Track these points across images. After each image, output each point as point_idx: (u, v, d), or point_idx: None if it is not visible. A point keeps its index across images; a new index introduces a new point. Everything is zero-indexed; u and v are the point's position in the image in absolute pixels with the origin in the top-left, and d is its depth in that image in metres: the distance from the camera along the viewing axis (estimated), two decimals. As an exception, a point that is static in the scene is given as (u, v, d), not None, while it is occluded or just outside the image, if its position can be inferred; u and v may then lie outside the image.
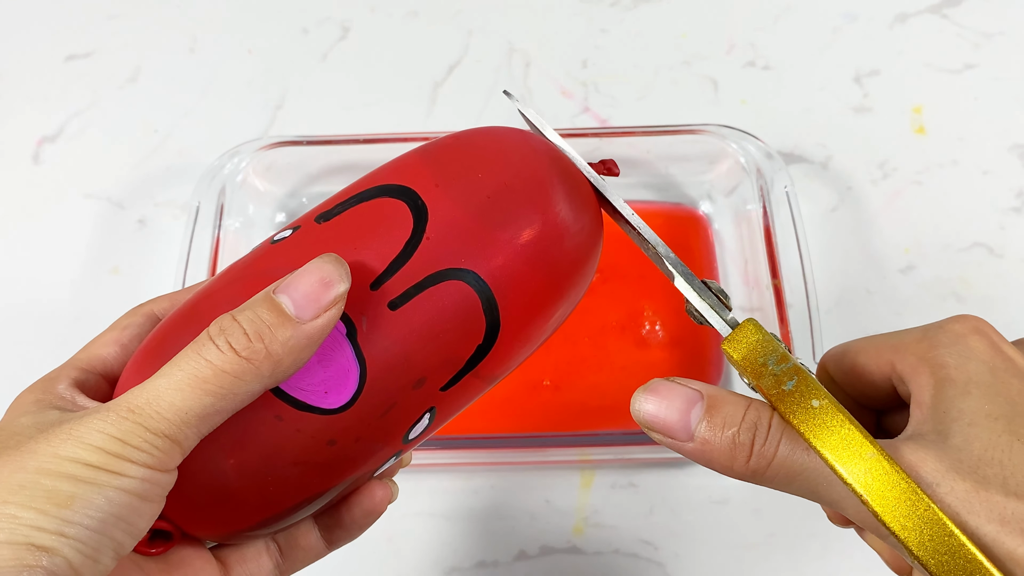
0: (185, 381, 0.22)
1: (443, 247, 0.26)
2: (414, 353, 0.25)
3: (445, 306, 0.25)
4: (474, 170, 0.27)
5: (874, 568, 0.45)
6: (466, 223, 0.26)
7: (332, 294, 0.23)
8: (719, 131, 0.51)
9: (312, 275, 0.24)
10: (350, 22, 0.64)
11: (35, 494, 0.20)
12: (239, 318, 0.23)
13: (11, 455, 0.21)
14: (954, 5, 0.63)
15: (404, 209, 0.26)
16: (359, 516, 0.28)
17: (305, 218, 0.27)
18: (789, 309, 0.46)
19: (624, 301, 0.52)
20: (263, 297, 0.23)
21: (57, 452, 0.21)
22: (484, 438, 0.46)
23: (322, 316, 0.23)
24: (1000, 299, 0.52)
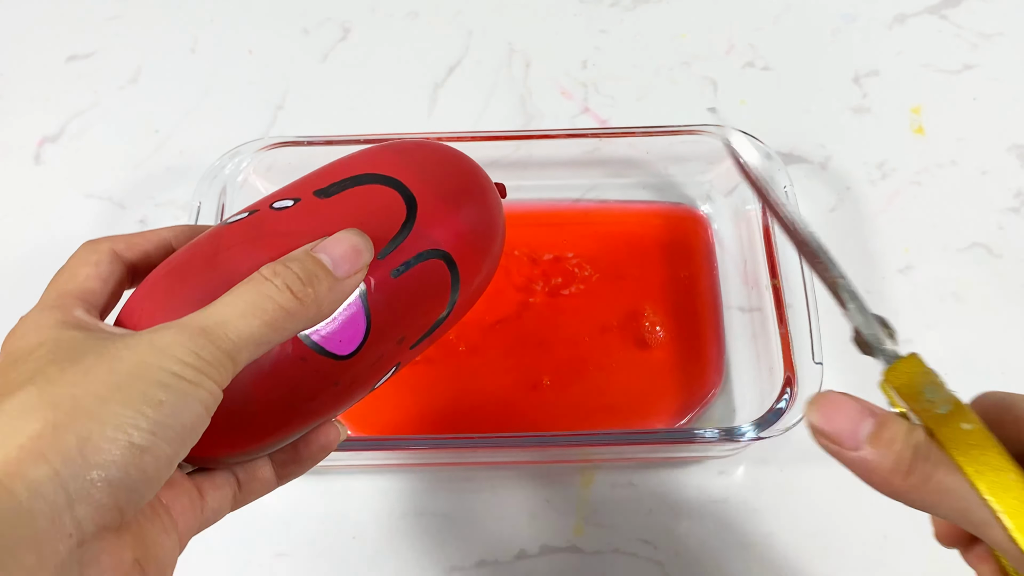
0: (248, 310, 0.25)
1: (428, 230, 0.31)
2: (404, 314, 0.30)
3: (430, 278, 0.31)
4: (443, 173, 0.33)
5: (874, 567, 0.46)
6: (443, 213, 0.32)
7: (362, 260, 0.28)
8: (719, 131, 0.51)
9: (346, 242, 0.28)
10: (350, 23, 0.65)
11: (131, 395, 0.22)
12: (291, 265, 0.26)
13: (93, 360, 0.23)
14: (953, 6, 0.64)
15: (398, 197, 0.31)
16: (316, 451, 0.32)
17: (298, 190, 0.31)
18: (788, 309, 0.46)
19: (625, 301, 0.52)
20: (305, 253, 0.27)
21: (144, 360, 0.23)
22: (484, 438, 0.46)
23: (353, 276, 0.27)
24: (999, 299, 0.52)
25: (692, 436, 0.45)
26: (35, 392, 0.23)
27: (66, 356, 0.24)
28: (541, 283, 0.53)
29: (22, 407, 0.22)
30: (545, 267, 0.53)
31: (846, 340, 0.51)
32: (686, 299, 0.52)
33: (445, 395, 0.50)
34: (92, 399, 0.22)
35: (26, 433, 0.21)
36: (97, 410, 0.22)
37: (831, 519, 0.47)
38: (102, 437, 0.22)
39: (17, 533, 0.20)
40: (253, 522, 0.47)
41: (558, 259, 0.53)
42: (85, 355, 0.24)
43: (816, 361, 0.44)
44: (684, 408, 0.50)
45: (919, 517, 0.47)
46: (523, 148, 0.53)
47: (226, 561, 0.46)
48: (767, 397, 0.46)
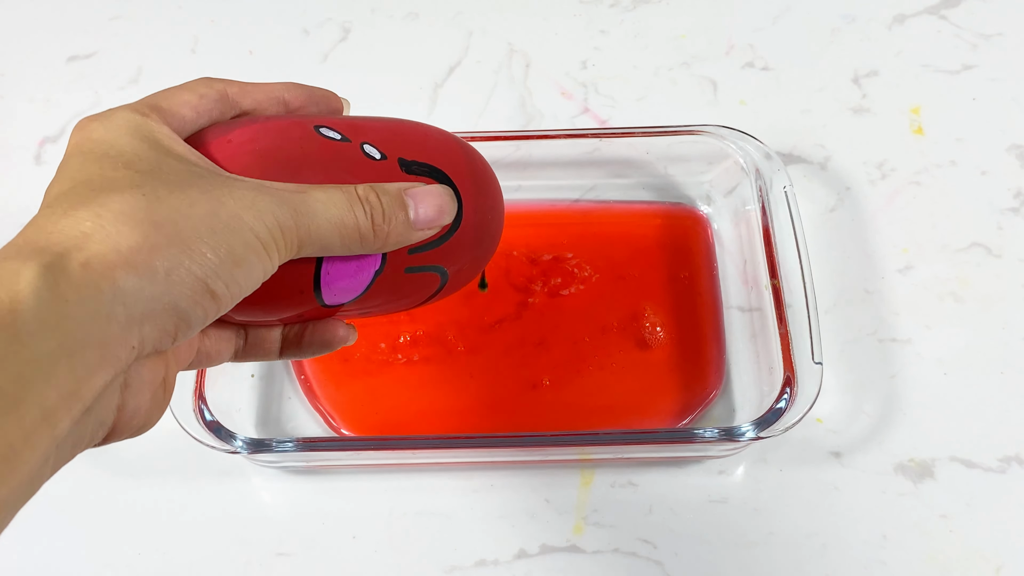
0: (334, 217, 0.26)
1: (453, 253, 0.32)
2: (384, 300, 0.32)
3: (423, 283, 0.32)
4: (486, 205, 0.34)
5: (873, 567, 0.46)
6: (469, 246, 0.33)
7: (439, 222, 0.29)
8: (718, 132, 0.51)
9: (437, 199, 0.29)
10: (351, 23, 0.65)
11: (222, 245, 0.24)
12: (383, 197, 0.28)
13: (198, 195, 0.24)
14: (952, 6, 0.64)
15: (455, 210, 0.31)
16: (317, 343, 0.33)
17: (385, 143, 0.31)
18: (788, 309, 0.46)
19: (625, 301, 0.52)
20: (399, 191, 0.28)
21: (241, 215, 0.24)
22: (484, 437, 0.46)
23: (425, 231, 0.29)
24: (998, 299, 0.53)
25: (692, 436, 0.45)
26: (144, 204, 0.23)
27: (172, 179, 0.25)
28: (540, 283, 0.53)
29: (128, 213, 0.23)
30: (544, 267, 0.53)
31: (846, 340, 0.52)
32: (686, 299, 0.53)
33: (445, 395, 0.50)
34: (190, 233, 0.23)
35: (127, 241, 0.22)
36: (191, 245, 0.23)
37: (831, 519, 0.47)
38: (188, 272, 0.23)
39: (92, 328, 0.21)
40: (253, 522, 0.47)
41: (558, 259, 0.54)
42: (191, 186, 0.24)
43: (816, 361, 0.44)
44: (685, 409, 0.50)
45: (918, 517, 0.47)
46: (523, 148, 0.53)
47: (226, 561, 0.46)
48: (767, 397, 0.46)
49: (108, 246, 0.22)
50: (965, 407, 0.49)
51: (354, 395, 0.50)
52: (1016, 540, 0.46)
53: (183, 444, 0.44)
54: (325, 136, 0.30)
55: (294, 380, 0.51)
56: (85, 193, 0.24)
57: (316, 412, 0.50)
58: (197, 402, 0.44)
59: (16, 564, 0.46)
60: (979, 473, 0.48)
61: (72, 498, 0.48)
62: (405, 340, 0.51)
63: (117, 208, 0.23)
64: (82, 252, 0.22)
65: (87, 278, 0.22)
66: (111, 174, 0.24)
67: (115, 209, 0.23)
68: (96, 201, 0.23)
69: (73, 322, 0.21)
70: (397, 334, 0.51)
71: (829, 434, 0.49)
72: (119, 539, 0.47)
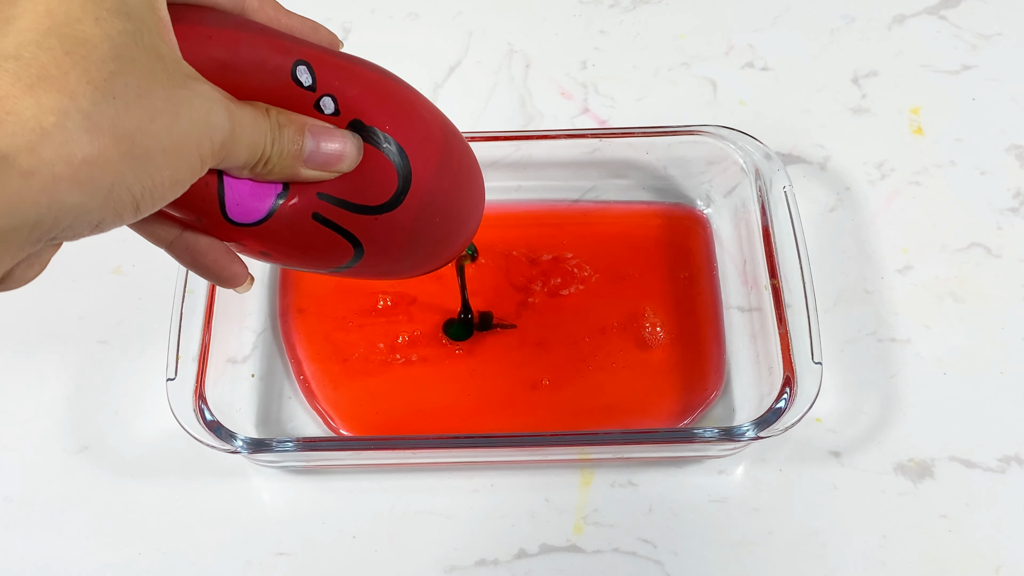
0: (253, 143, 0.27)
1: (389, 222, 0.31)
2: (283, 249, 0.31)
3: (326, 244, 0.31)
4: (455, 188, 0.32)
5: (873, 567, 0.46)
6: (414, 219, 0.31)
7: (333, 166, 0.29)
8: (718, 132, 0.51)
9: (340, 146, 0.29)
10: (351, 23, 0.65)
11: (166, 167, 0.24)
12: (287, 129, 0.28)
13: (161, 106, 0.24)
14: (952, 6, 0.64)
15: (394, 182, 0.30)
16: (211, 266, 0.32)
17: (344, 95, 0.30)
18: (787, 309, 0.46)
19: (625, 301, 0.52)
20: (302, 125, 0.29)
21: (192, 135, 0.25)
22: (484, 437, 0.46)
23: (314, 172, 0.29)
24: (998, 299, 0.53)
25: (692, 436, 0.45)
26: (112, 111, 0.22)
27: (143, 72, 0.24)
28: (540, 283, 0.53)
29: (95, 119, 0.22)
30: (544, 267, 0.53)
31: (845, 340, 0.52)
32: (686, 299, 0.53)
33: (444, 395, 0.50)
34: (143, 152, 0.23)
35: (83, 152, 0.22)
36: (141, 165, 0.23)
37: (831, 519, 0.47)
38: (127, 191, 0.23)
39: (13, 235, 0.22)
40: (253, 522, 0.47)
41: (557, 259, 0.54)
42: (157, 86, 0.24)
43: (815, 361, 0.44)
44: (685, 410, 0.50)
45: (918, 517, 0.47)
46: (523, 148, 0.53)
47: (226, 561, 0.46)
48: (767, 397, 0.46)
49: (62, 154, 0.22)
50: (964, 407, 0.49)
51: (353, 395, 0.50)
52: (1016, 540, 0.46)
53: (183, 444, 0.44)
54: (297, 80, 0.29)
55: (293, 380, 0.51)
56: (62, 55, 0.22)
57: (315, 413, 0.50)
58: (197, 402, 0.44)
59: (16, 564, 0.46)
60: (979, 473, 0.48)
61: (72, 498, 0.48)
62: (404, 340, 0.51)
63: (86, 109, 0.22)
64: (31, 157, 0.21)
65: (26, 191, 0.21)
66: (92, 31, 0.23)
67: (84, 109, 0.22)
68: (71, 80, 0.22)
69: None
70: (396, 334, 0.51)
71: (829, 434, 0.49)
72: (119, 539, 0.47)
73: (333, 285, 0.53)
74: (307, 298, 0.53)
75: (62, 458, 0.49)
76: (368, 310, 0.52)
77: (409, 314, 0.52)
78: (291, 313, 0.52)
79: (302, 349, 0.51)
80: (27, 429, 0.50)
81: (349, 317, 0.52)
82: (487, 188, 0.56)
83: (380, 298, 0.52)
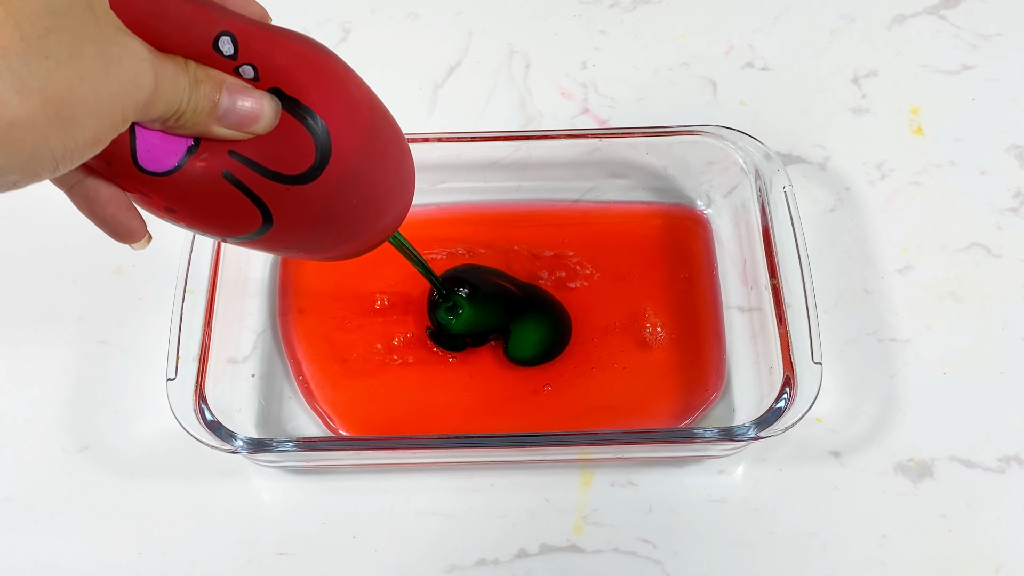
0: (171, 98, 0.27)
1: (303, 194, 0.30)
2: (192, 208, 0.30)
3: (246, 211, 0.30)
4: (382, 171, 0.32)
5: (873, 567, 0.46)
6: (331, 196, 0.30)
7: (246, 129, 0.29)
8: (718, 132, 0.51)
9: (256, 107, 0.29)
10: (351, 23, 0.65)
11: (90, 127, 0.24)
12: (205, 85, 0.28)
13: (92, 65, 0.24)
14: (952, 7, 0.64)
15: (312, 156, 0.29)
16: (108, 215, 0.31)
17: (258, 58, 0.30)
18: (787, 309, 0.46)
19: (626, 302, 0.52)
20: (219, 82, 0.28)
21: (119, 96, 0.25)
22: (484, 437, 0.46)
23: (226, 131, 0.29)
24: (997, 299, 0.53)
25: (692, 435, 0.45)
26: (44, 71, 0.22)
27: (76, 28, 0.23)
28: (547, 272, 0.53)
29: (26, 80, 0.22)
30: (546, 263, 0.53)
31: (845, 340, 0.52)
32: (686, 300, 0.53)
33: (444, 396, 0.50)
34: (70, 114, 0.23)
35: (11, 114, 0.22)
36: (67, 128, 0.23)
37: (831, 519, 0.47)
38: (49, 152, 0.23)
39: None
40: (253, 522, 0.47)
41: (559, 256, 0.54)
42: (88, 44, 0.23)
43: (815, 361, 0.44)
44: (685, 411, 0.49)
45: (918, 517, 0.47)
46: (523, 149, 0.53)
47: (226, 561, 0.46)
48: (766, 397, 0.46)
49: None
50: (964, 407, 0.49)
51: (352, 396, 0.50)
52: (1016, 540, 0.46)
53: (183, 444, 0.44)
54: (218, 50, 0.29)
55: (293, 381, 0.51)
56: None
57: (315, 413, 0.50)
58: (197, 402, 0.44)
59: (16, 564, 0.46)
60: (979, 473, 0.48)
61: (72, 498, 0.48)
62: (400, 341, 0.51)
63: (17, 68, 0.21)
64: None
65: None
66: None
67: (15, 69, 0.21)
68: (4, 33, 0.21)
69: None
70: (392, 335, 0.51)
71: (829, 434, 0.49)
72: (119, 539, 0.47)
73: (333, 285, 0.53)
74: (307, 298, 0.53)
75: (62, 458, 0.49)
76: (366, 310, 0.52)
77: (407, 314, 0.52)
78: (291, 313, 0.53)
79: (301, 349, 0.51)
80: (27, 429, 0.50)
81: (348, 317, 0.52)
82: (487, 188, 0.56)
83: (378, 298, 0.52)
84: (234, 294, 0.51)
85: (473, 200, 0.55)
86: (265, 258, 0.54)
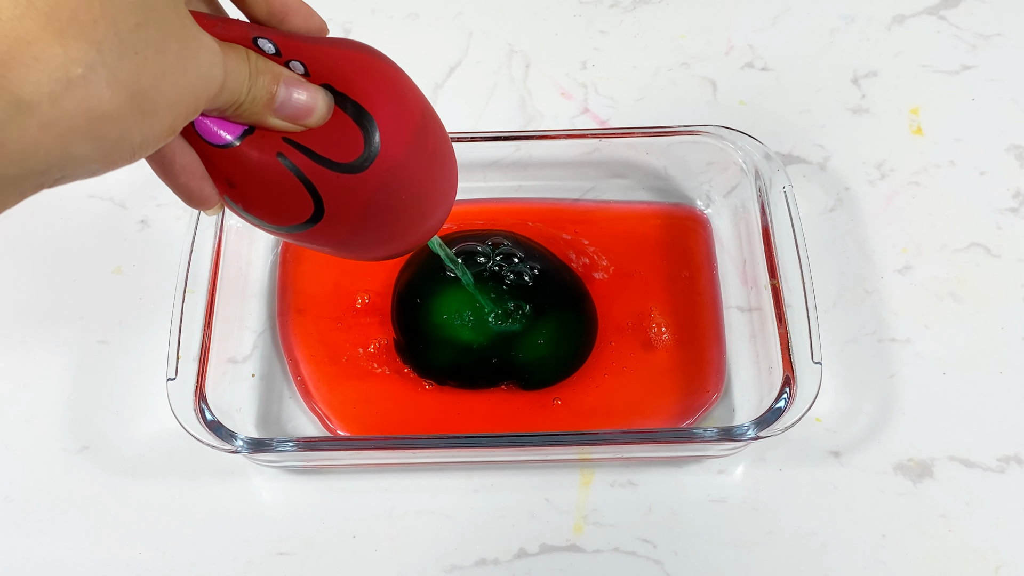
0: (233, 88, 0.28)
1: (354, 185, 0.30)
2: (248, 193, 0.31)
3: (299, 197, 0.31)
4: (429, 164, 0.32)
5: (873, 567, 0.46)
6: (380, 188, 0.31)
7: (301, 119, 0.30)
8: (718, 132, 0.51)
9: (311, 101, 0.30)
10: (351, 23, 0.65)
11: (167, 119, 0.25)
12: (261, 76, 0.29)
13: (173, 59, 0.25)
14: (951, 7, 0.64)
15: (360, 147, 0.30)
16: (182, 183, 0.31)
17: (313, 63, 0.31)
18: (787, 309, 0.46)
19: (635, 300, 0.52)
20: (277, 74, 0.29)
21: (195, 89, 0.26)
22: (484, 437, 0.46)
23: (281, 123, 0.30)
24: (997, 299, 0.53)
25: (692, 436, 0.45)
26: (132, 67, 0.23)
27: (160, 26, 0.24)
28: (575, 255, 0.53)
29: (117, 72, 0.23)
30: (562, 246, 0.53)
31: (845, 340, 0.52)
32: (688, 300, 0.52)
33: (445, 394, 0.50)
34: (151, 107, 0.24)
35: (101, 106, 0.23)
36: (149, 119, 0.24)
37: (830, 518, 0.47)
38: (129, 142, 0.25)
39: (17, 183, 0.23)
40: (253, 522, 0.47)
41: (576, 242, 0.53)
42: (171, 41, 0.25)
43: (815, 361, 0.44)
44: (685, 414, 0.49)
45: (918, 517, 0.47)
46: (523, 148, 0.53)
47: (226, 561, 0.46)
48: (766, 396, 0.46)
49: (82, 108, 0.22)
50: (964, 407, 0.49)
51: (347, 397, 0.50)
52: (1015, 540, 0.46)
53: (183, 444, 0.44)
54: (258, 46, 0.30)
55: (292, 381, 0.51)
56: (89, 3, 0.22)
57: (312, 414, 0.50)
58: (197, 402, 0.44)
59: (16, 564, 0.46)
60: (978, 473, 0.48)
61: (72, 498, 0.48)
62: (376, 348, 0.51)
63: (111, 63, 0.23)
64: (52, 108, 0.22)
65: (40, 141, 0.22)
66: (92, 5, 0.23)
67: (108, 64, 0.23)
68: (100, 28, 0.22)
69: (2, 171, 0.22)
70: (371, 339, 0.51)
71: (828, 434, 0.49)
72: (119, 539, 0.47)
73: (330, 286, 0.53)
74: (306, 298, 0.53)
75: (62, 458, 0.49)
76: (350, 309, 0.52)
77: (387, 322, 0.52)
78: (290, 313, 0.52)
79: (299, 350, 0.51)
80: (27, 429, 0.50)
81: (341, 317, 0.52)
82: (487, 188, 0.56)
83: (359, 297, 0.52)
84: (234, 294, 0.51)
85: (473, 199, 0.55)
86: (265, 258, 0.54)
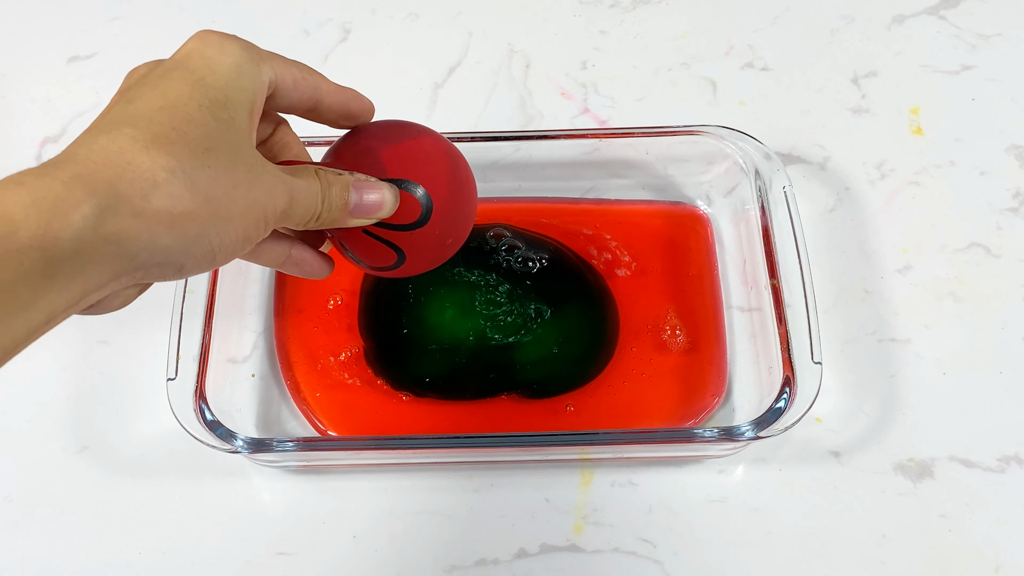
0: (308, 205, 0.32)
1: (423, 235, 0.37)
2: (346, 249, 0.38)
3: (385, 254, 0.38)
4: (461, 197, 0.39)
5: (873, 567, 0.46)
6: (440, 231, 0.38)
7: (375, 214, 0.35)
8: (718, 132, 0.51)
9: (379, 195, 0.34)
10: (351, 24, 0.65)
11: (240, 226, 0.29)
12: (335, 187, 0.33)
13: (241, 176, 0.29)
14: (951, 7, 0.64)
15: (417, 205, 0.37)
16: (298, 264, 0.38)
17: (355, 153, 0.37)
18: (787, 309, 0.46)
19: (650, 302, 0.52)
20: (347, 184, 0.34)
21: (262, 202, 0.30)
22: (484, 437, 0.46)
23: (357, 220, 0.35)
24: (997, 299, 0.53)
25: (692, 435, 0.45)
26: (208, 177, 0.28)
27: (232, 151, 0.29)
28: (595, 248, 0.53)
29: (194, 180, 0.27)
30: (585, 241, 0.53)
31: (845, 340, 0.52)
32: (696, 301, 0.52)
33: (438, 407, 0.50)
34: (225, 213, 0.28)
35: (182, 206, 0.27)
36: (222, 223, 0.29)
37: (830, 518, 0.47)
38: (207, 243, 0.28)
39: (111, 264, 0.26)
40: (253, 522, 0.47)
41: (597, 236, 0.53)
42: (240, 162, 0.29)
43: (815, 361, 0.44)
44: (686, 417, 0.49)
45: (918, 517, 0.47)
46: (523, 148, 0.53)
47: (226, 561, 0.46)
48: (766, 397, 0.46)
49: (166, 206, 0.27)
50: (964, 407, 0.49)
51: (336, 400, 0.50)
52: (1015, 540, 0.46)
53: (183, 444, 0.44)
54: None
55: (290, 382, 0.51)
56: (169, 128, 0.28)
57: (302, 416, 0.50)
58: (197, 402, 0.44)
59: (17, 564, 0.46)
60: (978, 473, 0.48)
61: (72, 498, 0.48)
62: (347, 356, 0.51)
63: (191, 171, 0.27)
64: (142, 202, 0.26)
65: (132, 228, 0.26)
66: (195, 114, 0.28)
67: (188, 172, 0.27)
68: (177, 147, 0.27)
69: (99, 255, 0.25)
70: (343, 346, 0.51)
71: (828, 434, 0.49)
72: (119, 539, 0.47)
73: (316, 283, 0.52)
74: (305, 298, 0.53)
75: (62, 458, 0.49)
76: (323, 310, 0.52)
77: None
78: (290, 313, 0.52)
79: (291, 352, 0.51)
80: (27, 429, 0.50)
81: (318, 319, 0.52)
82: (487, 188, 0.56)
83: (331, 298, 0.52)
84: (234, 294, 0.51)
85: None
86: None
